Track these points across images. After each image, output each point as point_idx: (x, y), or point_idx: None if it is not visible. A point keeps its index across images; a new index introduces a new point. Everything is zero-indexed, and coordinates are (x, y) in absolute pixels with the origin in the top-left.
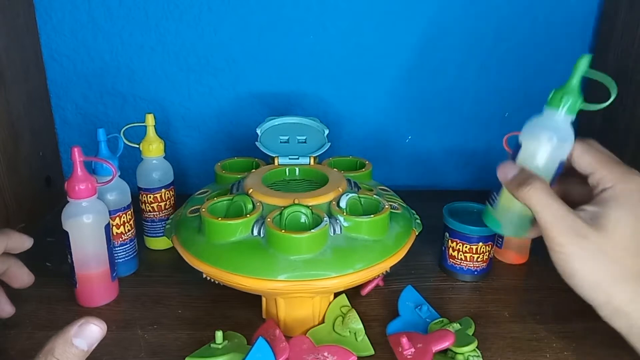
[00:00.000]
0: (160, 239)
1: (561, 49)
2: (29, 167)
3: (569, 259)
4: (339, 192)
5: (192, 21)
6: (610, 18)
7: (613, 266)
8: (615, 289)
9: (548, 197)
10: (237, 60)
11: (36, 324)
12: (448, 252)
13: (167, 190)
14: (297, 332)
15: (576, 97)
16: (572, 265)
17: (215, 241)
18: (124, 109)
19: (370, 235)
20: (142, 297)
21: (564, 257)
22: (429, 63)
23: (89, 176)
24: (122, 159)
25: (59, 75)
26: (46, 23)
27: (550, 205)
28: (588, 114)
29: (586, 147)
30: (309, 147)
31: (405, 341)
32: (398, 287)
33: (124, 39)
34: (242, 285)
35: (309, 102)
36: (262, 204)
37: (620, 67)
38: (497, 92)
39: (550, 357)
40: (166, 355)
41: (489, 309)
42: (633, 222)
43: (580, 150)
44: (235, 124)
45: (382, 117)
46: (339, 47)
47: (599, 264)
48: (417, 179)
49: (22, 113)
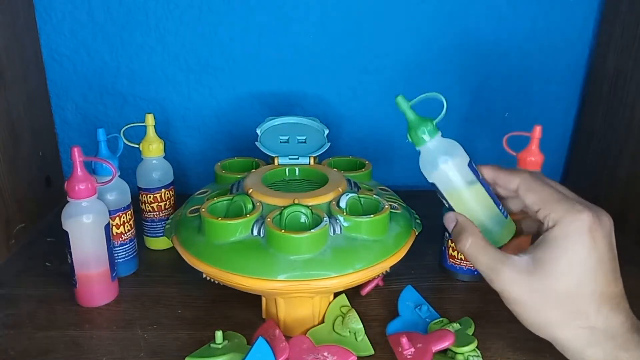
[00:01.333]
0: (160, 239)
1: (561, 49)
2: (29, 167)
3: (510, 304)
4: (338, 192)
5: (192, 21)
6: (610, 18)
7: (550, 309)
8: (556, 330)
9: (477, 251)
10: (237, 60)
11: (36, 324)
12: (448, 252)
13: (167, 190)
14: (297, 332)
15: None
16: (514, 309)
17: (215, 241)
18: (124, 109)
19: (370, 235)
20: (142, 297)
21: (506, 302)
22: (429, 63)
23: (89, 176)
24: (122, 159)
25: (58, 75)
26: (46, 23)
27: (481, 259)
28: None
29: (530, 183)
30: (308, 147)
31: (405, 341)
32: (398, 287)
33: (124, 39)
34: (242, 285)
35: (309, 102)
36: (262, 204)
37: (620, 67)
38: (497, 92)
39: (550, 357)
40: (166, 355)
41: (489, 309)
42: (568, 266)
43: (524, 189)
44: (235, 124)
45: (382, 117)
46: (339, 47)
47: (536, 307)
48: (417, 179)
49: (22, 113)
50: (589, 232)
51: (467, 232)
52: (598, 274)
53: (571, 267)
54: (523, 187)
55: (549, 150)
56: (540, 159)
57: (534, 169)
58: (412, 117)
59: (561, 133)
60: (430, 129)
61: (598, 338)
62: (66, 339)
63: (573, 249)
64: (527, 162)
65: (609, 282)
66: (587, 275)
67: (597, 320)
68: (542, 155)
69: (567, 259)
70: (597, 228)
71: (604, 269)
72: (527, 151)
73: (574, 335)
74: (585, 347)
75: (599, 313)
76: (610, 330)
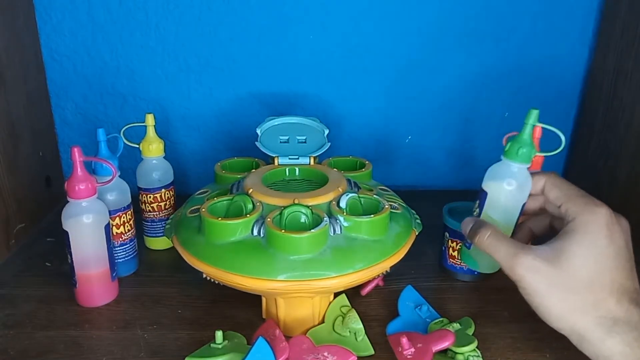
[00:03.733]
0: (160, 239)
1: (561, 49)
2: (29, 167)
3: (529, 294)
4: (339, 192)
5: (192, 21)
6: (610, 18)
7: (571, 297)
8: (575, 316)
9: (497, 241)
10: (237, 60)
11: (36, 324)
12: (448, 252)
13: (167, 190)
14: (297, 332)
15: (529, 147)
16: (533, 300)
17: (215, 241)
18: (124, 109)
19: (370, 235)
20: (142, 297)
21: (524, 292)
22: (429, 63)
23: (89, 176)
24: (122, 159)
25: (58, 75)
26: (46, 23)
27: (500, 247)
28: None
29: (556, 181)
30: (309, 147)
31: (405, 341)
32: (398, 287)
33: (124, 39)
34: (242, 285)
35: (309, 102)
36: (262, 204)
37: (620, 67)
38: (497, 92)
39: (550, 357)
40: (166, 355)
41: (489, 309)
42: (588, 254)
43: (550, 185)
44: (235, 124)
45: (382, 117)
46: (339, 47)
47: (557, 296)
48: (417, 179)
49: (22, 113)
50: (606, 226)
51: (486, 226)
52: (617, 265)
53: (591, 256)
54: (549, 183)
55: (549, 150)
56: (540, 159)
57: (534, 169)
58: (527, 134)
59: None
60: (530, 155)
61: (620, 328)
62: (66, 339)
63: (592, 239)
64: None
65: (627, 275)
66: (606, 264)
67: (618, 311)
68: (542, 155)
69: (587, 249)
70: (614, 223)
71: (622, 262)
72: None
73: (595, 325)
74: (605, 337)
75: (619, 304)
76: (633, 322)
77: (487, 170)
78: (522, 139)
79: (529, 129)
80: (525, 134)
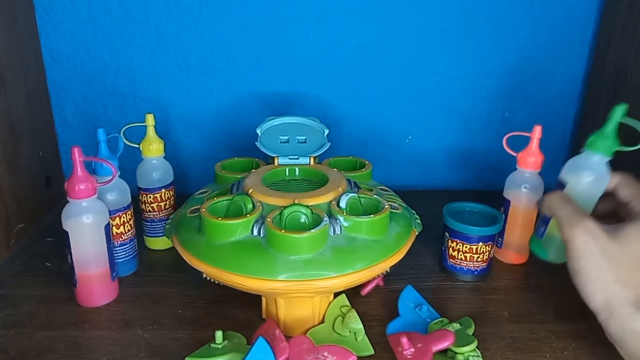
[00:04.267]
0: (160, 239)
1: (561, 49)
2: (29, 167)
3: (576, 257)
4: (339, 192)
5: (192, 21)
6: (610, 18)
7: (618, 269)
8: (614, 288)
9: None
10: (237, 60)
11: (36, 324)
12: (448, 252)
13: (167, 190)
14: (297, 332)
15: (612, 141)
16: (578, 263)
17: (215, 241)
18: (124, 109)
19: (370, 235)
20: (142, 297)
21: (572, 255)
22: (429, 63)
23: (89, 176)
24: (122, 159)
25: (58, 75)
26: (46, 23)
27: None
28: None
29: (628, 180)
30: (309, 147)
31: (405, 341)
32: (398, 287)
33: (124, 39)
34: (242, 285)
35: (309, 102)
36: (262, 204)
37: (620, 67)
38: (497, 92)
39: (550, 357)
40: (166, 355)
41: (489, 309)
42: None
43: (623, 183)
44: (235, 124)
45: (382, 117)
46: (339, 47)
47: (605, 264)
48: (417, 179)
49: (22, 113)
50: None
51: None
52: None
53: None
54: (622, 183)
55: (549, 150)
56: (540, 159)
57: (535, 169)
58: (610, 128)
59: (561, 133)
60: (612, 149)
61: None
62: (66, 339)
63: None
64: (527, 162)
65: None
66: None
67: None
68: (542, 155)
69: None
70: None
71: None
72: (527, 151)
73: (632, 300)
74: (637, 312)
75: None
76: None
77: (567, 162)
78: (605, 131)
79: (613, 124)
80: (609, 128)
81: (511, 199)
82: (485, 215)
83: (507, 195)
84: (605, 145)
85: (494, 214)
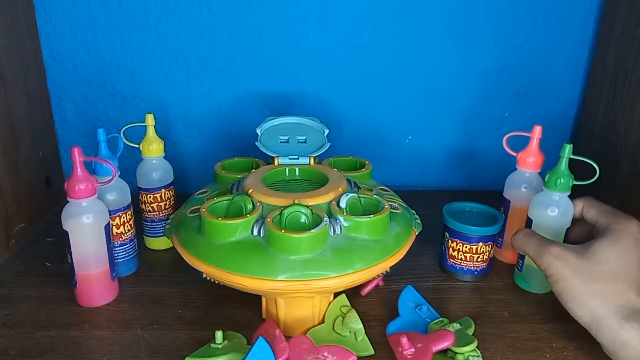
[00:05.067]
0: (160, 239)
1: (561, 49)
2: (29, 167)
3: (555, 280)
4: (339, 192)
5: (192, 21)
6: (610, 18)
7: (594, 284)
8: (595, 302)
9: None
10: (237, 60)
11: (36, 324)
12: (448, 252)
13: (167, 190)
14: (297, 332)
15: (567, 178)
16: (558, 285)
17: (215, 241)
18: (124, 109)
19: (370, 235)
20: (142, 297)
21: (551, 280)
22: (429, 63)
23: (89, 176)
24: (122, 159)
25: (58, 75)
26: (46, 23)
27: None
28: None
29: (592, 203)
30: (309, 147)
31: (405, 341)
32: (398, 287)
33: (124, 39)
34: (242, 285)
35: (309, 102)
36: (262, 204)
37: (620, 67)
38: (497, 92)
39: (550, 357)
40: (166, 355)
41: (489, 309)
42: (616, 250)
43: (588, 205)
44: (235, 124)
45: (382, 117)
46: (339, 47)
47: (581, 281)
48: (417, 179)
49: (22, 113)
50: (633, 235)
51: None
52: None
53: (617, 255)
54: (587, 206)
55: (549, 150)
56: (540, 159)
57: (535, 170)
58: (563, 166)
59: (561, 133)
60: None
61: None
62: (66, 339)
63: (620, 243)
64: (527, 162)
65: None
66: (630, 265)
67: (638, 302)
68: (542, 155)
69: (613, 248)
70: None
71: None
72: (527, 151)
73: (615, 312)
74: (623, 322)
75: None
76: None
77: (532, 200)
78: (559, 171)
79: (564, 162)
80: (562, 166)
81: (511, 199)
82: (485, 215)
83: (507, 195)
84: (562, 184)
85: (494, 214)
